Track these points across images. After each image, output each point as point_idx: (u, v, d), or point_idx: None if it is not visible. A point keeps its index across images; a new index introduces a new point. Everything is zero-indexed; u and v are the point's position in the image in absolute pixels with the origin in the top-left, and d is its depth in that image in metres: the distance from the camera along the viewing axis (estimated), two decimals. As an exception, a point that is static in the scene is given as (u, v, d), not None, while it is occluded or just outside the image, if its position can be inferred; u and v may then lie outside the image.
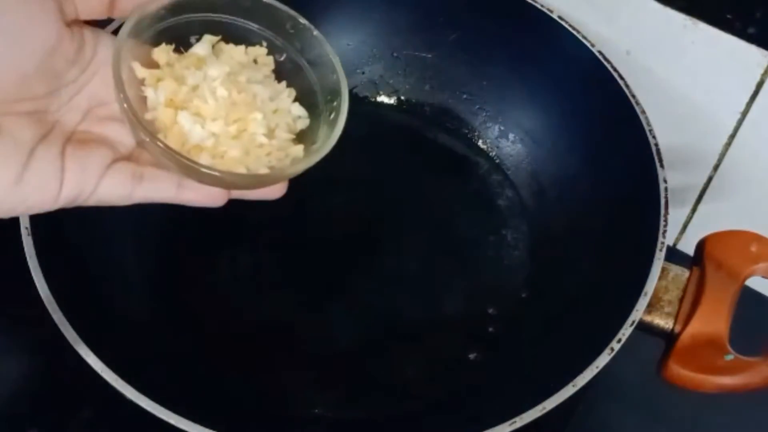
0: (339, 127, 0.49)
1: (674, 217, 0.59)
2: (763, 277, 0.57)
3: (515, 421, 0.49)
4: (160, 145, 0.42)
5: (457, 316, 0.64)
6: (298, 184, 0.69)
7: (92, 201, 0.43)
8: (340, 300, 0.64)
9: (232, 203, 0.69)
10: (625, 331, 0.52)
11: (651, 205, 0.58)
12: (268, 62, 0.49)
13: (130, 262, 0.63)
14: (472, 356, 0.62)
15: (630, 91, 0.62)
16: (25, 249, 0.53)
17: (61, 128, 0.43)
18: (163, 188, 0.45)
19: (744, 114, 0.66)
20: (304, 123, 0.49)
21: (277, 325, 0.63)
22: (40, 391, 0.63)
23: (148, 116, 0.44)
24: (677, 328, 0.55)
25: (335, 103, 0.49)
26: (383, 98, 0.75)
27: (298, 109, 0.49)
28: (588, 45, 0.65)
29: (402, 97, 0.75)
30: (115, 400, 0.49)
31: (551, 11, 0.66)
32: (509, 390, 0.58)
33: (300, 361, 0.61)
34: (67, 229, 0.58)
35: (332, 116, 0.49)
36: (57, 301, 0.51)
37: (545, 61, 0.68)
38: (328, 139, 0.48)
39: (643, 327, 0.54)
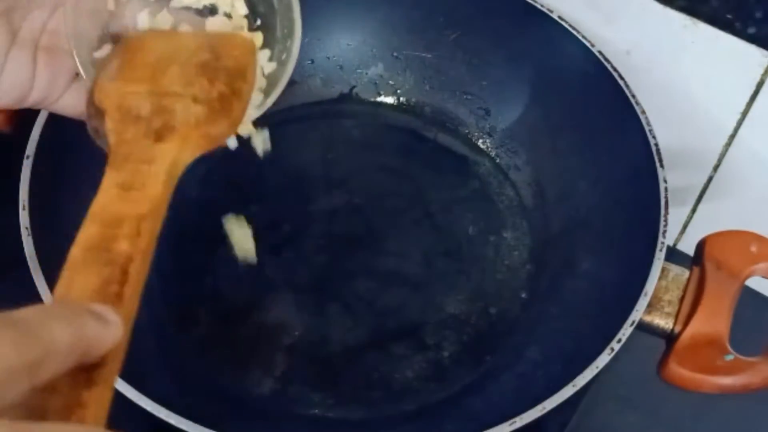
0: (289, 69, 0.50)
1: (674, 217, 0.59)
2: (763, 277, 0.57)
3: (515, 421, 0.49)
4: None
5: (457, 316, 0.64)
6: (298, 183, 0.69)
7: (52, 109, 0.49)
8: (340, 300, 0.64)
9: (232, 203, 0.69)
10: (625, 331, 0.52)
11: (651, 205, 0.58)
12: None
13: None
14: (472, 356, 0.62)
15: (630, 91, 0.62)
16: (25, 249, 0.53)
17: (30, 27, 0.45)
18: None
19: (744, 114, 0.66)
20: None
21: (277, 325, 0.63)
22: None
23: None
24: (677, 328, 0.55)
25: (288, 43, 0.50)
26: (383, 98, 0.75)
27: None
28: (588, 45, 0.64)
29: (402, 97, 0.75)
30: (114, 400, 0.49)
31: (551, 11, 0.66)
32: (509, 390, 0.58)
33: (299, 361, 0.61)
34: (67, 230, 0.58)
35: (284, 56, 0.50)
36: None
37: (545, 61, 0.68)
38: (278, 82, 0.50)
39: (643, 327, 0.54)
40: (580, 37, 0.65)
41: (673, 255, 0.62)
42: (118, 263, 0.36)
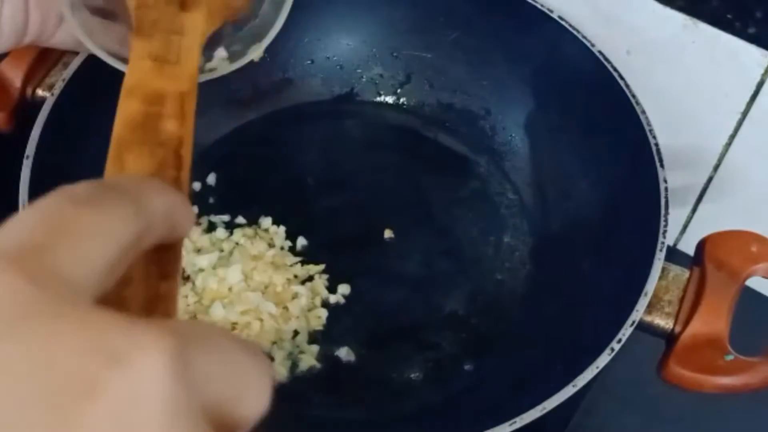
0: (284, 12, 0.49)
1: (674, 217, 0.59)
2: (763, 277, 0.57)
3: (515, 422, 0.49)
4: None
5: (457, 316, 0.64)
6: (298, 183, 0.69)
7: (50, 44, 0.51)
8: (340, 300, 0.64)
9: (232, 203, 0.69)
10: (625, 331, 0.52)
11: (651, 205, 0.58)
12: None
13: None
14: (472, 356, 0.62)
15: (630, 91, 0.62)
16: (25, 249, 0.53)
17: None
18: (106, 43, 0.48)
19: (744, 114, 0.66)
20: None
21: (277, 325, 0.63)
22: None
23: None
24: (677, 328, 0.55)
25: None
26: (383, 98, 0.75)
27: None
28: (588, 45, 0.64)
29: (402, 97, 0.75)
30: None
31: (551, 11, 0.66)
32: (509, 390, 0.58)
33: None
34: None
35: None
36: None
37: (545, 61, 0.68)
38: (272, 25, 0.49)
39: (643, 327, 0.54)
40: (580, 37, 0.65)
41: (673, 255, 0.62)
42: (170, 146, 0.34)
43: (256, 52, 0.50)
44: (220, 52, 0.50)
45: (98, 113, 0.53)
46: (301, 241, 0.65)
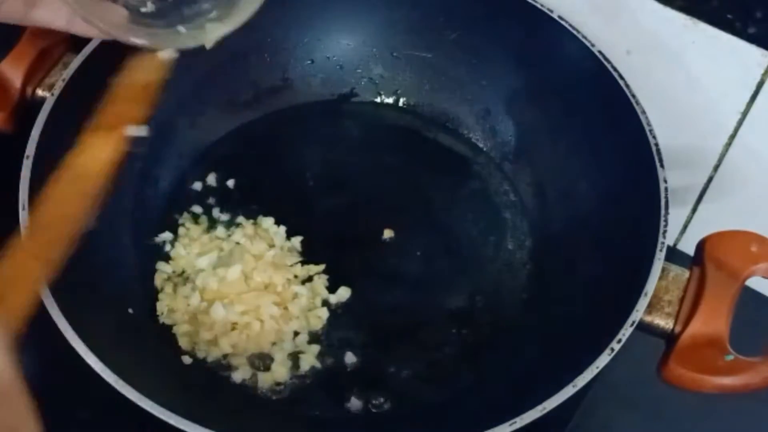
0: None
1: (674, 217, 0.59)
2: (763, 277, 0.57)
3: (515, 422, 0.49)
4: None
5: (457, 316, 0.64)
6: (298, 183, 0.69)
7: (29, 21, 0.53)
8: (340, 300, 0.64)
9: (232, 203, 0.69)
10: (625, 331, 0.52)
11: (651, 205, 0.58)
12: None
13: (130, 262, 0.63)
14: (472, 356, 0.62)
15: (630, 91, 0.62)
16: (25, 249, 0.53)
17: None
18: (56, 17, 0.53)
19: (744, 114, 0.66)
20: None
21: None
22: (38, 391, 0.62)
23: None
24: (677, 329, 0.55)
25: None
26: (383, 98, 0.75)
27: None
28: (588, 45, 0.64)
29: (402, 97, 0.75)
30: (114, 400, 0.49)
31: (551, 11, 0.66)
32: (509, 390, 0.58)
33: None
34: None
35: None
36: (57, 302, 0.51)
37: (545, 61, 0.68)
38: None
39: (643, 327, 0.54)
40: (580, 37, 0.65)
41: (673, 255, 0.62)
42: None
43: (214, 33, 0.49)
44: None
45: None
46: (301, 241, 0.66)
